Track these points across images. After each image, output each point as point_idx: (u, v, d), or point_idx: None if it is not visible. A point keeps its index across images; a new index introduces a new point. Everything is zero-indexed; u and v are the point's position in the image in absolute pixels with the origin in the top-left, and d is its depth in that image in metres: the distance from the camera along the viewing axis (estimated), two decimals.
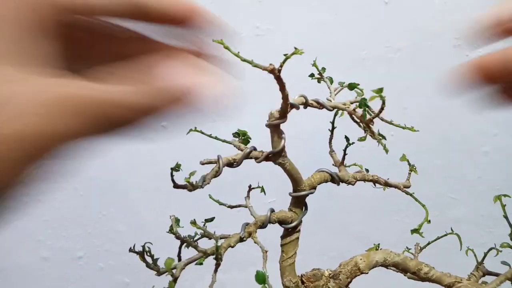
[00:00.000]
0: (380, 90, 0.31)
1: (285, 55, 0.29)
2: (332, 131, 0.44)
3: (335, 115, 0.44)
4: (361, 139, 0.39)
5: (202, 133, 0.41)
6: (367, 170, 0.46)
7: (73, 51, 0.22)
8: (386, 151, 0.36)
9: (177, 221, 0.38)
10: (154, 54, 0.23)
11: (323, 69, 0.44)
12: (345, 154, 0.44)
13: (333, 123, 0.44)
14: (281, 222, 0.40)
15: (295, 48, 0.29)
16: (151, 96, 0.20)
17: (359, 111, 0.35)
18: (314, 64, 0.44)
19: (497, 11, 0.28)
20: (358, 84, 0.42)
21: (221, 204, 0.42)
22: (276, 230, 0.44)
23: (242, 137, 0.40)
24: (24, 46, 0.20)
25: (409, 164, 0.45)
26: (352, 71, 0.88)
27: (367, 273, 0.41)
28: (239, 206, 0.42)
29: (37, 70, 0.20)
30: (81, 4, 0.21)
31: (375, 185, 0.45)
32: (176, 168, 0.34)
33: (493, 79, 0.27)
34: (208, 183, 0.34)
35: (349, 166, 0.46)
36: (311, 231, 0.52)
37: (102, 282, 1.00)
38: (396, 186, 0.44)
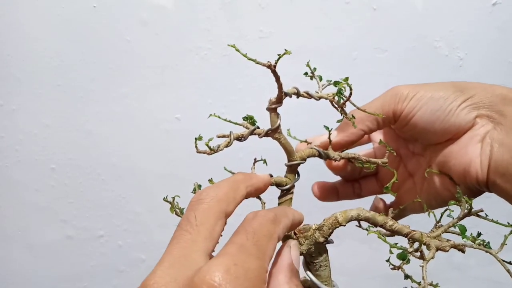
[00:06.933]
0: (346, 79, 0.40)
1: (278, 55, 0.38)
2: None
3: None
4: (339, 121, 0.48)
5: (219, 117, 0.50)
6: None
7: None
8: (355, 126, 0.45)
9: (199, 186, 0.48)
10: None
11: (314, 68, 0.54)
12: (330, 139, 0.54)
13: None
14: (278, 185, 0.48)
15: (285, 50, 0.38)
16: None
17: (336, 98, 0.44)
18: (307, 65, 0.53)
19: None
20: (342, 82, 0.52)
21: (233, 174, 0.51)
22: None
23: (250, 120, 0.47)
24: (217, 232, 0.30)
25: (386, 146, 0.54)
26: (344, 69, 0.91)
27: (344, 225, 0.48)
28: None
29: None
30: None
31: (358, 162, 0.54)
32: (199, 138, 0.43)
33: None
34: (222, 150, 0.42)
35: None
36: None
37: (120, 259, 1.04)
38: (375, 162, 0.52)
